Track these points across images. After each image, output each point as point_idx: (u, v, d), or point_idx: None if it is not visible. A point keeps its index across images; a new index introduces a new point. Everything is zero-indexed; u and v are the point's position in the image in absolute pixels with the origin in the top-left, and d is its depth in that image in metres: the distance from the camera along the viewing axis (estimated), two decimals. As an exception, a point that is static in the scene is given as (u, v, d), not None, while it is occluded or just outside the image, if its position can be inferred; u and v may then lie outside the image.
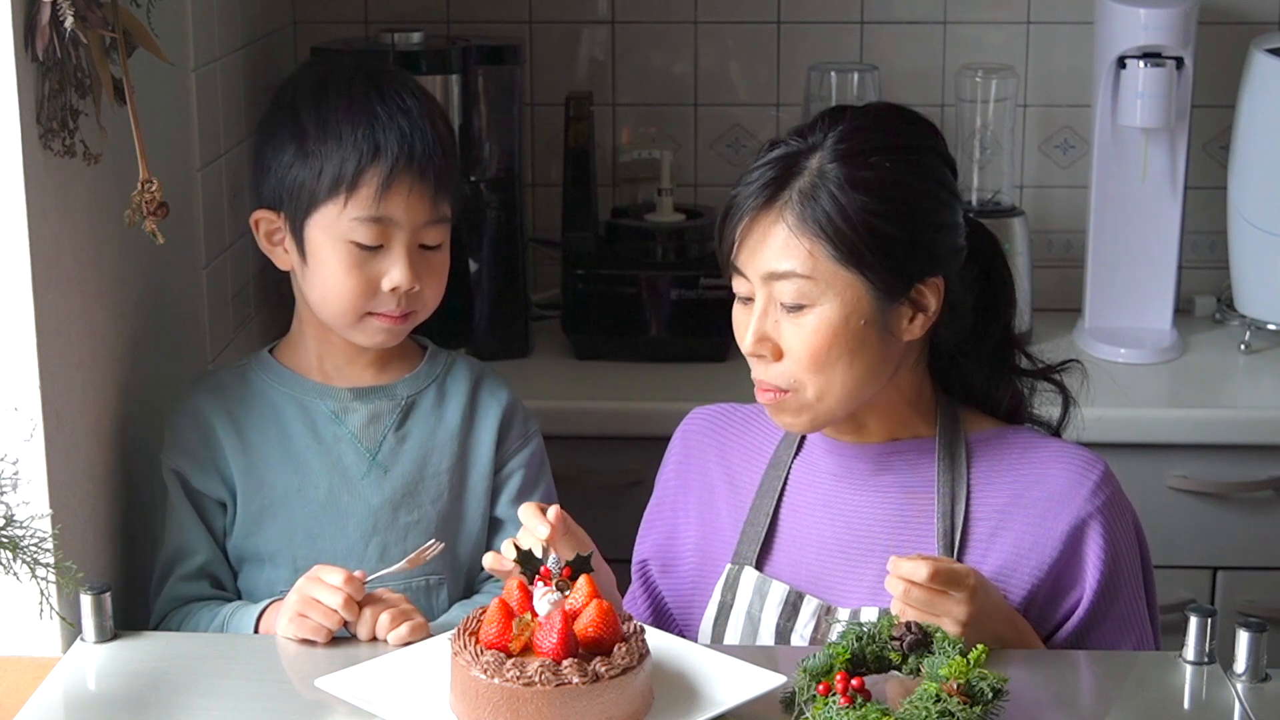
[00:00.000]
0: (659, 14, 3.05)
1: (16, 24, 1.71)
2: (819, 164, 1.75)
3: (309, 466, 2.00)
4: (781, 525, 1.88)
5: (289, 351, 2.06)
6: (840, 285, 1.74)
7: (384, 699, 1.61)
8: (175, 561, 1.98)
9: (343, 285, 1.95)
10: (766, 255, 1.76)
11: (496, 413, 2.07)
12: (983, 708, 1.51)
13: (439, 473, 2.03)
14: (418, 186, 1.94)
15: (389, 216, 1.94)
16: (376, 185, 1.92)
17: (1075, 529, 1.80)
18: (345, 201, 1.93)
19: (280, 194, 1.97)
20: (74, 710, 1.71)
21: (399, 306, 1.97)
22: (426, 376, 2.07)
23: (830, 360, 1.76)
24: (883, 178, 1.75)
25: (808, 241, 1.74)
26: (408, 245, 1.95)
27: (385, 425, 2.03)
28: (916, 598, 1.65)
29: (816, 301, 1.75)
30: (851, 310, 1.75)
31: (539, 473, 2.10)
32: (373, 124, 1.94)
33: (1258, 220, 2.84)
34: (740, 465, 1.94)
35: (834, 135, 1.77)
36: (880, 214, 1.74)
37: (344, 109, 1.95)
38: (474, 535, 2.05)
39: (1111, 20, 2.76)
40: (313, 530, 1.99)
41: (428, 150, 1.95)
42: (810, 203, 1.74)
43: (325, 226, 1.94)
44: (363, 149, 1.93)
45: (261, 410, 2.01)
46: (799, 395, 1.78)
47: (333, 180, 1.93)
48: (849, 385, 1.77)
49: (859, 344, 1.76)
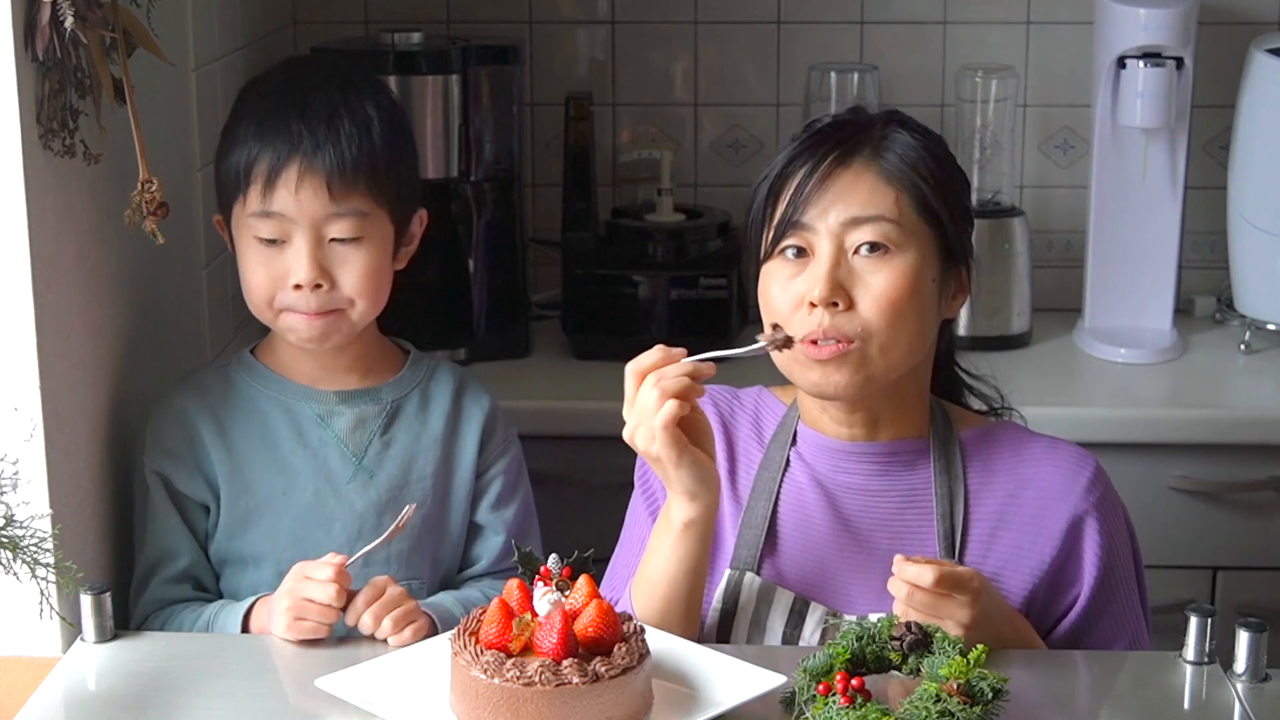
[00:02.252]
0: (659, 14, 3.05)
1: (16, 24, 1.71)
2: (887, 130, 1.81)
3: (295, 470, 2.00)
4: (781, 528, 1.87)
5: (271, 353, 2.06)
6: (921, 236, 1.78)
7: (384, 699, 1.61)
8: (158, 564, 1.97)
9: (251, 280, 1.97)
10: (849, 203, 1.78)
11: (479, 418, 2.08)
12: (983, 708, 1.51)
13: (423, 477, 2.03)
14: (309, 179, 1.92)
15: (280, 211, 1.93)
16: (263, 179, 1.92)
17: (1072, 526, 1.81)
18: (244, 197, 1.94)
19: (217, 189, 2.01)
20: (74, 710, 1.70)
21: (310, 304, 1.94)
22: (410, 381, 2.07)
23: (903, 311, 1.77)
24: (942, 151, 1.83)
25: (895, 189, 1.78)
26: (309, 239, 1.93)
27: (371, 429, 2.02)
28: (920, 601, 1.65)
29: (901, 247, 1.77)
30: (926, 263, 1.78)
31: (518, 478, 2.11)
32: (266, 117, 1.94)
33: (1258, 220, 2.84)
34: (740, 451, 1.92)
35: (881, 115, 1.84)
36: (949, 180, 1.82)
37: (259, 106, 1.96)
38: (455, 539, 2.06)
39: (1111, 20, 2.76)
40: (298, 534, 1.98)
41: (321, 141, 1.92)
42: (893, 156, 1.79)
43: (236, 223, 1.98)
44: (251, 145, 1.93)
45: (246, 412, 2.01)
46: (864, 348, 1.76)
47: (235, 175, 1.94)
48: (910, 345, 1.78)
49: (928, 302, 1.79)
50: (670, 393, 1.68)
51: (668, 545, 1.77)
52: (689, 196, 3.05)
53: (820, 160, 1.79)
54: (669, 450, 1.69)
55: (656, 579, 1.78)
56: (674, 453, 1.70)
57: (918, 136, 1.82)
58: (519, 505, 2.09)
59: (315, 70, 2.05)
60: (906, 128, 1.83)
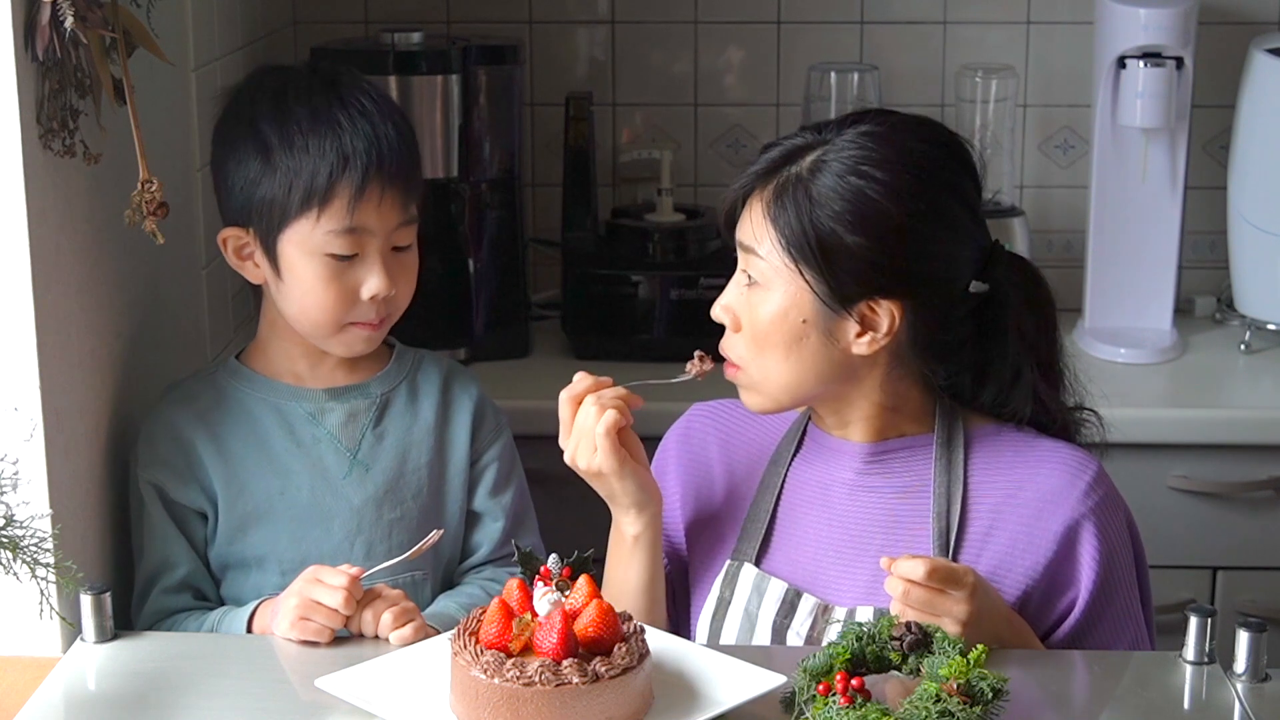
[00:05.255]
0: (659, 14, 3.05)
1: (16, 24, 1.71)
2: (814, 160, 1.77)
3: (290, 469, 1.99)
4: (779, 522, 1.89)
5: (258, 356, 2.05)
6: (785, 278, 1.78)
7: (384, 699, 1.61)
8: (157, 575, 1.97)
9: (321, 298, 1.94)
10: (743, 227, 1.82)
11: (469, 407, 2.08)
12: (983, 708, 1.51)
13: (419, 468, 2.03)
14: (389, 192, 1.93)
15: (363, 225, 1.92)
16: (349, 196, 1.91)
17: (1069, 530, 1.80)
18: (319, 215, 1.91)
19: (248, 211, 1.95)
20: (74, 710, 1.71)
21: (377, 313, 1.97)
22: (397, 374, 2.07)
23: (769, 345, 1.79)
24: (859, 190, 1.74)
25: (768, 228, 1.78)
26: (382, 251, 1.94)
27: (363, 423, 2.03)
28: (916, 597, 1.66)
29: (769, 285, 1.79)
30: (791, 305, 1.78)
31: (512, 464, 2.12)
32: (339, 133, 1.91)
33: (1258, 220, 2.84)
34: (742, 460, 1.94)
35: (847, 135, 1.78)
36: (840, 223, 1.74)
37: (307, 119, 1.92)
38: (453, 528, 2.06)
39: (1111, 20, 2.76)
40: (297, 533, 1.98)
41: (394, 154, 1.93)
42: (781, 195, 1.77)
43: (298, 241, 1.93)
44: (332, 161, 1.90)
45: (237, 416, 2.01)
46: (746, 373, 1.82)
47: (304, 195, 1.91)
48: (785, 377, 1.80)
49: (795, 339, 1.79)
50: (608, 407, 1.79)
51: (623, 560, 1.87)
52: (689, 196, 3.05)
53: (747, 174, 1.82)
54: (610, 459, 1.80)
55: (618, 593, 1.87)
56: (615, 462, 1.80)
57: (842, 171, 1.74)
58: (514, 490, 2.10)
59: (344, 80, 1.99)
60: (836, 162, 1.75)
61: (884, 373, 1.82)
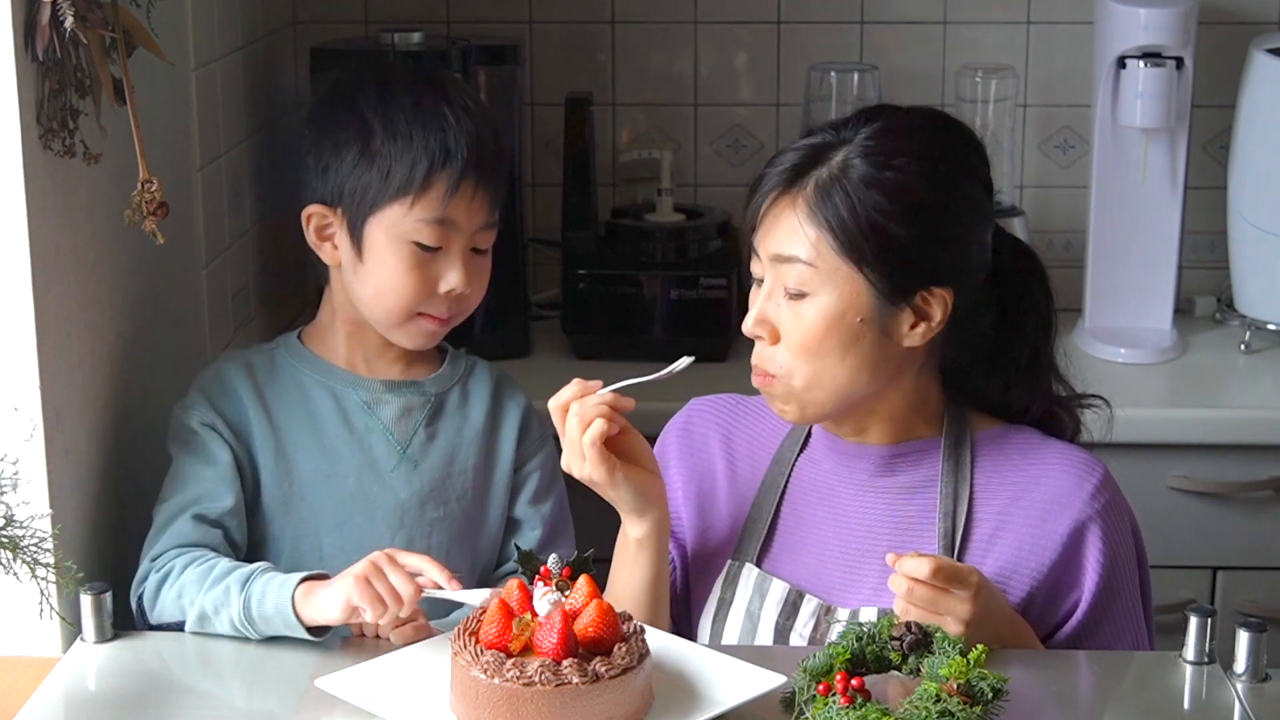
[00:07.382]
0: (659, 14, 3.05)
1: (16, 24, 1.71)
2: (844, 158, 1.77)
3: (339, 454, 2.01)
4: (782, 523, 1.89)
5: (317, 339, 2.07)
6: (841, 279, 1.76)
7: (384, 699, 1.61)
8: (194, 502, 1.92)
9: (400, 284, 1.97)
10: (777, 239, 1.78)
11: (517, 415, 2.10)
12: (983, 708, 1.51)
13: (465, 470, 2.05)
14: (481, 191, 1.98)
15: (452, 219, 1.96)
16: (445, 188, 1.95)
17: (1075, 532, 1.80)
18: (413, 202, 1.95)
19: (340, 191, 1.98)
20: (74, 710, 1.71)
21: (449, 309, 2.00)
22: (450, 377, 2.09)
23: (822, 351, 1.77)
24: (900, 181, 1.75)
25: (814, 231, 1.75)
26: (464, 249, 1.98)
27: (417, 420, 2.04)
28: (920, 596, 1.66)
29: (817, 291, 1.76)
30: (849, 305, 1.76)
31: (554, 475, 2.11)
32: (443, 127, 1.96)
33: (1258, 220, 2.84)
34: (744, 456, 1.94)
35: (866, 132, 1.79)
36: (890, 216, 1.75)
37: (412, 110, 1.97)
38: (493, 534, 2.07)
39: (1111, 20, 2.76)
40: (340, 518, 1.99)
41: (493, 156, 1.99)
42: (825, 194, 1.76)
43: (388, 226, 1.96)
44: (434, 151, 1.95)
45: (291, 394, 2.02)
46: (787, 382, 1.79)
47: (402, 181, 1.95)
48: (839, 380, 1.78)
49: (853, 340, 1.77)
50: (590, 417, 1.77)
51: (626, 562, 1.86)
52: (689, 196, 3.05)
53: (770, 183, 1.80)
54: (599, 469, 1.77)
55: (620, 595, 1.85)
56: (604, 471, 1.77)
57: (875, 164, 1.75)
58: (555, 501, 2.11)
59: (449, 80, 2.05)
60: (867, 157, 1.76)
61: (917, 368, 1.83)
